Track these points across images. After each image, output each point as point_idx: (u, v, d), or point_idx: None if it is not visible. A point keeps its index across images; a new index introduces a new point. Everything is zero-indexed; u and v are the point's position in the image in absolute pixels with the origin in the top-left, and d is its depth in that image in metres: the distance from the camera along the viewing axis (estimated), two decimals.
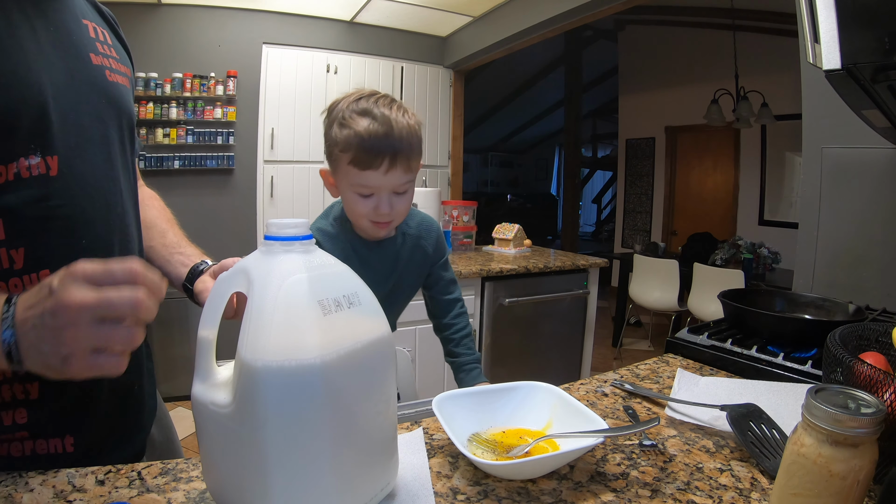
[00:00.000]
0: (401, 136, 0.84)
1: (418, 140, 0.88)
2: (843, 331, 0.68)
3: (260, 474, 0.43)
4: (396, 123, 0.84)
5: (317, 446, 0.43)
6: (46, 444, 0.60)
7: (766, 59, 4.40)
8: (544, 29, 3.12)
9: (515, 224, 2.99)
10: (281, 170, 3.50)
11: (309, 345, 0.42)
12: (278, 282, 0.44)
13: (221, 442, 0.46)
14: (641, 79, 5.98)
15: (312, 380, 0.41)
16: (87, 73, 0.64)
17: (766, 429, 0.67)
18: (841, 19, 0.59)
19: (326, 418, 0.43)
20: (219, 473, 0.48)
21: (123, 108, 0.71)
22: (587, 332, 2.83)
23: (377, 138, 0.83)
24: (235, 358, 0.43)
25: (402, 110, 0.87)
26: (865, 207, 1.34)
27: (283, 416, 0.42)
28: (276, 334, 0.42)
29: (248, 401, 0.42)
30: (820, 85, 1.22)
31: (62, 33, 0.62)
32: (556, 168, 12.36)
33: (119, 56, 0.73)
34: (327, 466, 0.44)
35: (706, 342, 1.01)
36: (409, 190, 0.90)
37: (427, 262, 1.06)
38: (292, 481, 0.43)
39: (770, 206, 4.88)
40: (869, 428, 0.43)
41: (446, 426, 0.61)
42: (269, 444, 0.42)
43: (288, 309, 0.43)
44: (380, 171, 0.84)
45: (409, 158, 0.85)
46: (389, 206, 0.87)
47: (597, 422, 0.62)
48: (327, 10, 3.51)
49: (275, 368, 0.41)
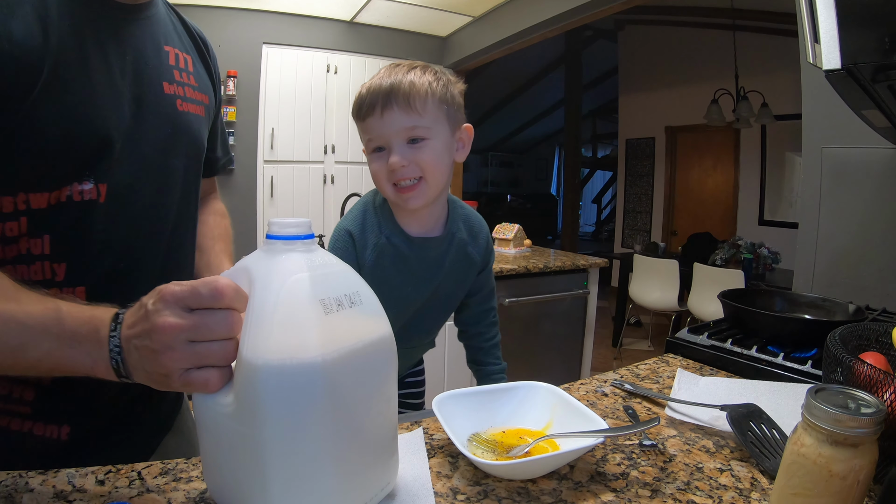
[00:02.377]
0: (401, 83, 0.77)
1: (427, 86, 0.78)
2: (843, 331, 0.68)
3: (260, 473, 0.43)
4: (402, 77, 0.78)
5: (317, 446, 0.43)
6: (44, 427, 0.62)
7: (766, 59, 4.40)
8: (544, 29, 3.12)
9: (515, 224, 2.99)
10: (281, 170, 3.50)
11: (310, 344, 0.42)
12: (280, 280, 0.44)
13: (222, 440, 0.46)
14: (641, 79, 5.98)
15: (313, 379, 0.41)
16: (157, 103, 0.66)
17: (766, 429, 0.67)
18: (841, 19, 0.59)
19: (327, 418, 0.43)
20: (219, 473, 0.48)
21: (193, 137, 0.72)
22: (587, 332, 2.83)
23: (374, 87, 0.78)
24: (237, 357, 0.44)
25: (420, 70, 0.80)
26: (865, 207, 1.34)
27: (284, 416, 0.42)
28: (278, 333, 0.42)
29: (248, 399, 0.42)
30: (820, 85, 1.22)
31: (137, 61, 0.63)
32: (556, 168, 12.37)
33: (198, 84, 0.75)
34: (328, 466, 0.44)
35: (706, 342, 1.01)
36: (430, 142, 0.79)
37: (472, 272, 0.96)
38: (292, 481, 0.43)
39: (770, 206, 4.88)
40: (869, 428, 0.43)
41: (446, 426, 0.61)
42: (269, 442, 0.42)
43: (289, 307, 0.43)
44: (376, 116, 0.77)
45: (408, 97, 0.76)
46: (402, 156, 0.77)
47: (597, 422, 0.62)
48: (327, 10, 3.51)
49: (276, 367, 0.41)
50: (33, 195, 0.55)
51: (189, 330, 0.43)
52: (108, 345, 0.46)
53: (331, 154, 3.60)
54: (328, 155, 3.59)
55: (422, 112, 0.77)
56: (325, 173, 3.63)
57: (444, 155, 0.81)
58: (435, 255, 0.89)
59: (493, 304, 1.04)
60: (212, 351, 0.44)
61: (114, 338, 0.46)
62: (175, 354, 0.43)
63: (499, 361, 1.03)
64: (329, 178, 3.65)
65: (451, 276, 0.91)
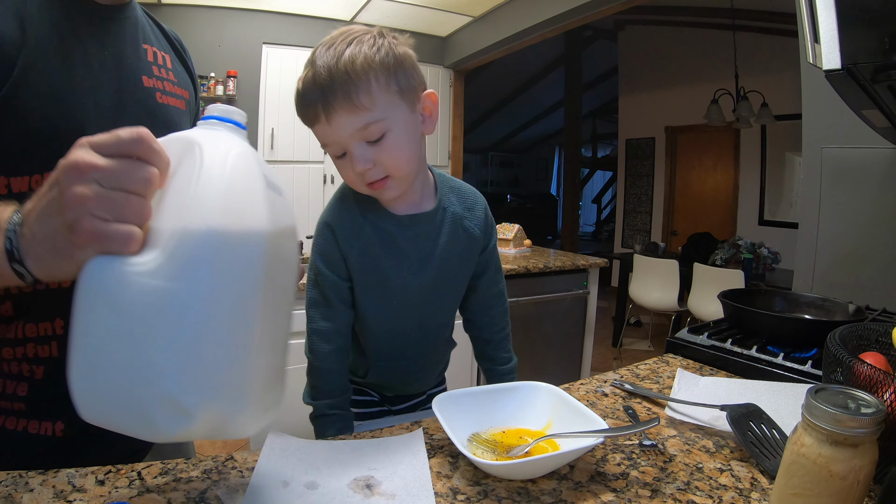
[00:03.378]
0: (330, 74, 0.66)
1: (374, 68, 0.67)
2: (843, 331, 0.68)
3: (172, 337, 0.38)
4: (331, 61, 0.66)
5: (242, 320, 0.41)
6: (39, 424, 0.63)
7: (766, 59, 4.40)
8: (544, 29, 3.12)
9: (515, 224, 2.99)
10: (281, 170, 3.50)
11: (258, 212, 0.41)
12: (226, 149, 0.42)
13: (124, 308, 0.39)
14: (641, 79, 5.98)
15: (257, 248, 0.41)
16: (137, 95, 0.68)
17: (766, 429, 0.67)
18: (841, 19, 0.59)
19: (258, 293, 0.42)
20: (104, 356, 0.40)
21: (173, 129, 0.73)
22: (587, 332, 2.83)
23: (307, 87, 0.68)
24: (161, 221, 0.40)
25: (355, 45, 0.68)
26: (865, 207, 1.34)
27: (222, 278, 0.39)
28: (227, 196, 0.40)
29: (184, 258, 0.39)
30: (820, 85, 1.22)
31: (116, 57, 0.66)
32: (556, 168, 12.37)
33: (178, 80, 0.77)
34: (242, 346, 0.42)
35: (706, 342, 1.01)
36: (389, 134, 0.70)
37: (475, 247, 0.86)
38: (205, 352, 0.39)
39: (770, 206, 4.88)
40: (869, 428, 0.43)
41: (446, 426, 0.61)
42: (197, 300, 0.38)
43: (240, 174, 0.42)
44: (322, 124, 0.69)
45: (348, 94, 0.66)
46: (365, 160, 0.70)
47: (597, 422, 0.62)
48: (327, 10, 3.52)
49: (221, 231, 0.39)
50: (14, 179, 0.57)
51: (104, 170, 0.39)
52: (5, 224, 0.43)
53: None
54: (328, 155, 3.59)
55: (370, 105, 0.67)
56: (325, 173, 3.63)
57: (408, 142, 0.72)
58: (426, 230, 0.81)
59: (502, 286, 0.94)
60: (129, 203, 0.39)
61: (17, 212, 0.43)
62: (87, 191, 0.38)
63: (510, 356, 0.95)
64: (329, 178, 3.65)
65: (451, 255, 0.83)
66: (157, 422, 0.39)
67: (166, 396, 0.38)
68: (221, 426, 0.42)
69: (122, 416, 0.40)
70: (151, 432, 0.40)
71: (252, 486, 0.55)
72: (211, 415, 0.40)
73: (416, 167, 0.76)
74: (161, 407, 0.39)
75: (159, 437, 0.40)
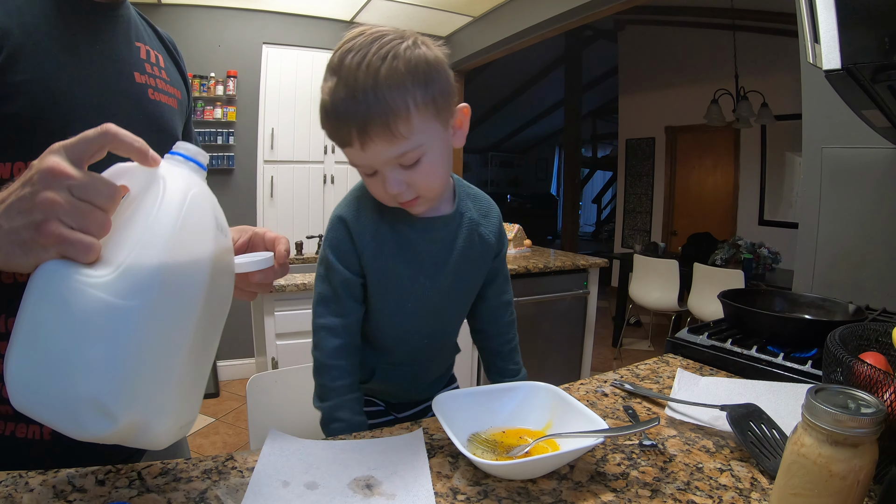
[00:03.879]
0: (365, 97, 0.61)
1: (413, 88, 0.63)
2: (843, 331, 0.68)
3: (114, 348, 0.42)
4: (364, 80, 0.61)
5: (181, 336, 0.46)
6: (26, 428, 0.62)
7: (766, 59, 4.40)
8: (544, 29, 3.12)
9: (515, 224, 2.99)
10: (281, 170, 3.49)
11: (203, 252, 0.47)
12: (186, 188, 0.47)
13: (72, 312, 0.42)
14: (641, 79, 5.98)
15: (198, 283, 0.46)
16: (128, 89, 0.68)
17: (766, 429, 0.67)
18: (841, 19, 0.59)
19: (193, 320, 0.47)
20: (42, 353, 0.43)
21: (164, 125, 0.73)
22: (587, 332, 2.83)
23: (338, 105, 0.63)
24: (118, 242, 0.44)
25: (384, 52, 0.62)
26: (865, 207, 1.34)
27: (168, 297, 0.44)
28: (178, 235, 0.45)
29: (136, 277, 0.43)
30: (820, 85, 1.22)
31: (107, 52, 0.66)
32: (556, 168, 12.36)
33: (170, 78, 0.77)
34: (178, 360, 0.46)
35: (706, 342, 1.01)
36: (424, 159, 0.67)
37: (488, 254, 0.85)
38: (145, 364, 0.44)
39: (770, 206, 4.88)
40: (869, 428, 0.43)
41: (446, 426, 0.61)
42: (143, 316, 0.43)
43: (193, 214, 0.47)
44: (356, 148, 0.65)
45: (387, 124, 0.62)
46: (399, 183, 0.67)
47: (597, 422, 0.62)
48: (327, 10, 3.51)
49: (169, 265, 0.44)
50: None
51: (76, 181, 0.42)
52: None
53: (331, 154, 3.60)
54: (328, 155, 3.59)
55: (407, 134, 0.64)
56: (325, 173, 3.63)
57: (441, 163, 0.71)
58: (444, 235, 0.79)
59: (510, 296, 0.92)
60: (94, 216, 0.42)
61: None
62: (57, 196, 0.41)
63: (519, 368, 0.93)
64: (329, 178, 3.65)
65: (466, 260, 0.81)
66: (82, 420, 0.42)
67: (95, 399, 0.42)
68: (139, 433, 0.46)
69: (50, 410, 0.43)
70: (76, 429, 0.43)
71: (252, 486, 0.55)
72: (132, 422, 0.44)
73: (446, 185, 0.76)
74: (88, 407, 0.42)
75: (82, 434, 0.43)
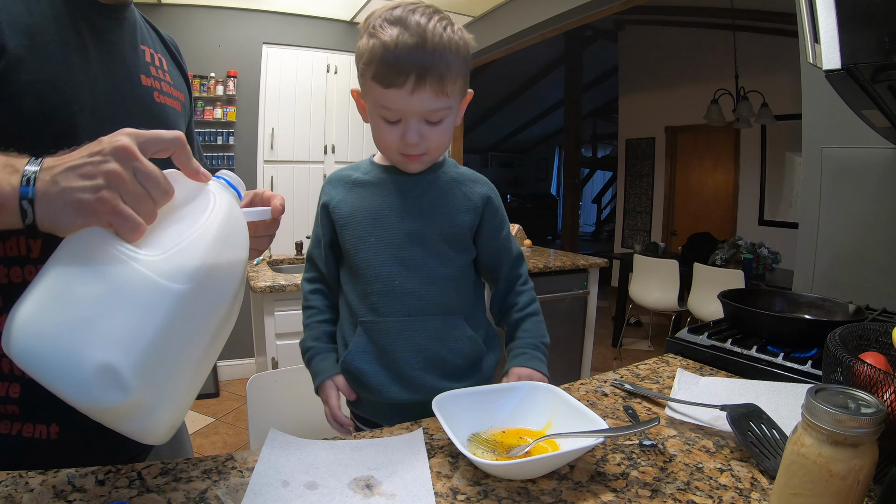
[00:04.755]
0: (434, 49, 0.69)
1: (461, 59, 0.73)
2: (843, 331, 0.68)
3: (145, 321, 0.43)
4: (432, 34, 0.69)
5: (200, 333, 0.49)
6: (33, 427, 0.62)
7: (766, 59, 4.40)
8: (544, 29, 3.12)
9: (515, 224, 2.99)
10: (281, 170, 3.49)
11: (238, 260, 0.53)
12: (230, 206, 0.54)
13: (108, 281, 0.44)
14: (641, 79, 5.98)
15: (230, 284, 0.51)
16: (134, 92, 0.69)
17: (766, 429, 0.67)
18: (841, 19, 0.59)
19: (218, 318, 0.50)
20: (66, 307, 0.43)
21: (169, 127, 0.75)
22: (587, 332, 2.84)
23: (403, 49, 0.69)
24: (168, 232, 0.48)
25: (444, 22, 0.72)
26: (865, 207, 1.34)
27: (197, 295, 0.46)
28: (224, 239, 0.51)
29: (175, 265, 0.46)
30: (820, 85, 1.22)
31: (115, 54, 0.67)
32: (556, 168, 12.36)
33: (174, 81, 0.79)
34: (193, 354, 0.49)
35: (706, 342, 1.01)
36: (446, 120, 0.76)
37: (469, 210, 0.83)
38: (165, 343, 0.45)
39: (770, 206, 4.88)
40: (869, 428, 0.43)
41: (446, 426, 0.61)
42: (184, 299, 0.45)
43: (234, 227, 0.53)
44: (405, 91, 0.70)
45: (442, 78, 0.70)
46: (418, 135, 0.74)
47: (597, 422, 0.62)
48: (327, 10, 3.51)
49: (211, 262, 0.48)
50: None
51: (144, 167, 0.45)
52: (23, 166, 0.45)
53: (331, 154, 3.60)
54: (328, 155, 3.59)
55: (451, 93, 0.73)
56: (325, 173, 3.62)
57: (452, 128, 0.79)
58: (416, 179, 0.82)
59: (522, 270, 0.91)
60: (147, 203, 0.46)
61: (35, 160, 0.46)
62: (122, 173, 0.44)
63: (529, 336, 0.87)
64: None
65: (442, 202, 0.82)
66: (90, 385, 0.41)
67: (111, 366, 0.42)
68: (142, 416, 0.45)
69: (54, 368, 0.42)
70: (79, 393, 0.42)
71: (252, 486, 0.55)
72: (139, 401, 0.44)
73: (446, 149, 0.83)
74: (101, 373, 0.41)
75: (84, 400, 0.42)
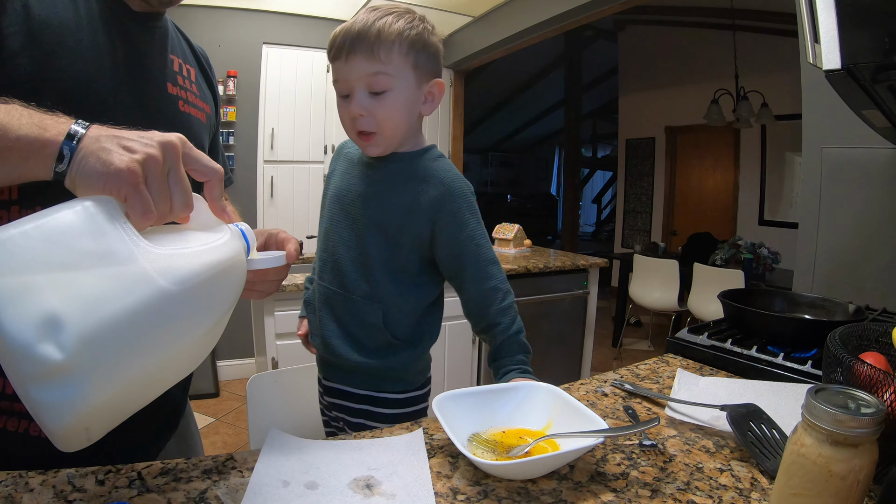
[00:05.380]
0: (369, 28, 0.77)
1: (405, 39, 0.79)
2: (843, 331, 0.68)
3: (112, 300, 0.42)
4: (367, 21, 0.78)
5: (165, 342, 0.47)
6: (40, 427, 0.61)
7: (766, 59, 4.40)
8: (544, 29, 3.12)
9: (515, 224, 2.99)
10: (281, 170, 3.49)
11: (232, 296, 0.55)
12: (238, 251, 0.56)
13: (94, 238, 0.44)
14: (641, 79, 5.98)
15: (215, 312, 0.51)
16: (159, 99, 0.70)
17: (766, 429, 0.67)
18: (841, 19, 0.59)
19: (193, 337, 0.49)
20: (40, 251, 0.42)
21: (192, 138, 0.75)
22: (587, 332, 2.83)
23: (341, 31, 0.80)
24: (175, 239, 0.50)
25: (396, 16, 0.79)
26: (865, 207, 1.34)
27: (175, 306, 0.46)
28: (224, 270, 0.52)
29: (175, 265, 0.47)
30: (820, 85, 1.22)
31: (143, 61, 0.69)
32: (556, 168, 12.36)
33: (200, 93, 0.79)
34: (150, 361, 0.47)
35: (706, 342, 1.01)
36: (390, 93, 0.79)
37: (414, 211, 0.83)
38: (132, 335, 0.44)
39: (770, 206, 4.88)
40: (869, 428, 0.43)
41: (446, 426, 0.61)
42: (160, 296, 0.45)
43: (237, 266, 0.55)
44: (342, 60, 0.79)
45: (372, 46, 0.77)
46: (361, 106, 0.79)
47: (597, 422, 0.62)
48: (327, 10, 3.51)
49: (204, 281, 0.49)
50: None
51: (178, 173, 0.48)
52: (68, 126, 0.47)
53: (331, 154, 3.60)
54: (328, 155, 3.59)
55: (385, 60, 0.78)
56: (325, 173, 3.63)
57: (403, 108, 0.82)
58: (381, 167, 0.87)
59: (495, 283, 0.86)
60: (165, 203, 0.47)
61: (79, 123, 0.48)
62: (161, 162, 0.46)
63: (512, 355, 0.88)
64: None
65: (382, 193, 0.85)
66: (26, 330, 0.39)
67: (59, 319, 0.40)
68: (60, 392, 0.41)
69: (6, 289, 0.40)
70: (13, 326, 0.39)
71: (252, 486, 0.55)
72: (70, 370, 0.40)
73: (402, 135, 0.85)
74: (45, 322, 0.39)
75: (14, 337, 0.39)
